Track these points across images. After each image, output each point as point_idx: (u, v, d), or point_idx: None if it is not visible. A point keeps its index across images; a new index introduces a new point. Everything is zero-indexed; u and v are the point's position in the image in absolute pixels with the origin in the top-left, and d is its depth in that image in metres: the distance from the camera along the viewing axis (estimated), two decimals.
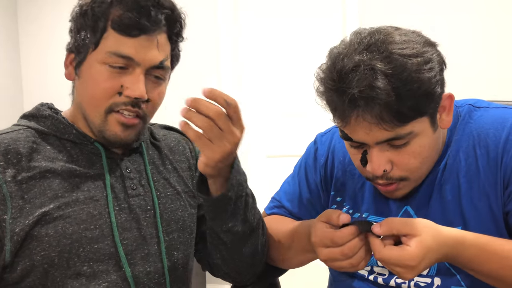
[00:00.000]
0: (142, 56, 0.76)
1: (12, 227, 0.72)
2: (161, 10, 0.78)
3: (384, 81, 0.67)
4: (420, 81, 0.69)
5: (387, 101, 0.67)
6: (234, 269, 0.88)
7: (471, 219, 0.77)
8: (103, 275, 0.76)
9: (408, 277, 0.68)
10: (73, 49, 0.80)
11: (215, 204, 0.78)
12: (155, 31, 0.77)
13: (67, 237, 0.74)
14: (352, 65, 0.69)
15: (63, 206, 0.75)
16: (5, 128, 0.81)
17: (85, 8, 0.77)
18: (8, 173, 0.73)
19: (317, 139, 1.00)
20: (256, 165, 2.72)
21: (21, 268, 0.73)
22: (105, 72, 0.76)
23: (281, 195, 1.01)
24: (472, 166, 0.78)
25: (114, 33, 0.76)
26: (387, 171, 0.75)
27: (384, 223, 0.69)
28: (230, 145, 0.70)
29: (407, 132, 0.72)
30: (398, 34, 0.73)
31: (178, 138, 0.97)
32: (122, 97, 0.77)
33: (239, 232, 0.82)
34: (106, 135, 0.79)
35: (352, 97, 0.69)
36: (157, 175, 0.88)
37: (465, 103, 0.84)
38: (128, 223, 0.80)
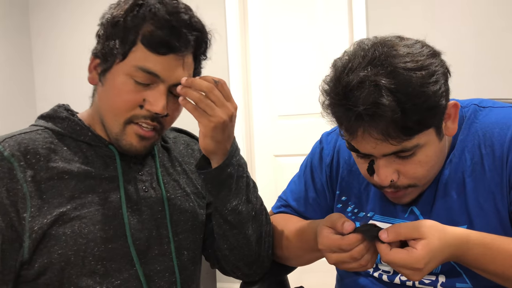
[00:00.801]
0: (167, 74, 0.78)
1: (31, 225, 0.75)
2: (192, 32, 0.79)
3: (389, 98, 0.67)
4: (426, 96, 0.69)
5: (393, 118, 0.68)
6: (242, 259, 0.90)
7: (476, 218, 0.77)
8: (116, 274, 0.79)
9: (416, 278, 0.69)
10: (99, 55, 0.81)
11: (216, 177, 0.81)
12: (183, 52, 0.79)
13: (83, 236, 0.77)
14: (357, 82, 0.69)
15: (79, 207, 0.78)
16: (24, 128, 0.83)
17: (118, 18, 0.78)
18: (28, 173, 0.76)
19: (322, 139, 1.01)
20: (264, 164, 2.73)
21: (38, 265, 0.76)
22: (129, 85, 0.78)
23: (287, 194, 1.02)
24: (477, 165, 0.78)
25: (143, 48, 0.77)
26: (394, 181, 0.76)
27: (391, 230, 0.69)
28: (223, 116, 0.77)
29: (413, 145, 0.73)
30: (402, 46, 0.72)
31: (187, 140, 1.00)
32: (143, 110, 0.79)
33: (243, 212, 0.84)
34: (122, 144, 0.81)
35: (358, 114, 0.69)
36: (167, 177, 0.90)
37: (470, 103, 0.84)
38: (140, 224, 0.83)
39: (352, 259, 0.72)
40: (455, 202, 0.79)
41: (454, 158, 0.81)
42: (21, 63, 3.09)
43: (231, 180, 0.82)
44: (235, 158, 0.83)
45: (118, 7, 0.80)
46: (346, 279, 0.95)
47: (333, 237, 0.74)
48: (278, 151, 2.70)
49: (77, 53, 2.94)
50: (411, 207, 0.84)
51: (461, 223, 0.78)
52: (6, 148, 0.76)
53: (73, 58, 2.99)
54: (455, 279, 0.80)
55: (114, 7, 0.81)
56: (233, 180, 0.83)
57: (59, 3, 3.08)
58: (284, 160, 2.67)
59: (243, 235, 0.86)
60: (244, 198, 0.85)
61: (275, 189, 2.56)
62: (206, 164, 0.84)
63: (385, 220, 0.86)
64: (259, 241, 0.89)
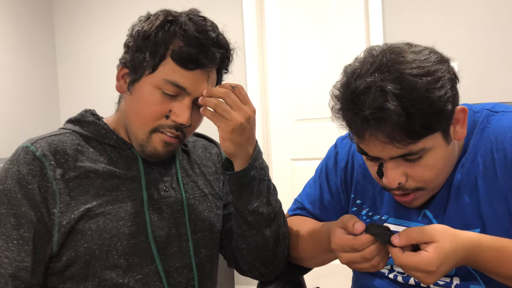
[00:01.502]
0: (194, 88, 0.82)
1: (60, 220, 0.79)
2: (218, 50, 0.84)
3: (394, 102, 0.69)
4: (430, 101, 0.70)
5: (398, 122, 0.69)
6: (259, 258, 0.92)
7: (489, 221, 0.78)
8: (137, 268, 0.82)
9: (429, 281, 0.70)
10: (128, 65, 0.85)
11: (240, 179, 0.84)
12: (209, 68, 0.83)
13: (107, 232, 0.81)
14: (363, 87, 0.71)
15: (104, 204, 0.82)
16: (53, 131, 0.88)
17: (149, 33, 0.82)
18: (58, 171, 0.81)
19: (337, 143, 1.02)
20: (281, 168, 2.75)
21: (66, 258, 0.80)
22: (157, 96, 0.82)
23: (303, 197, 1.04)
24: (490, 169, 0.79)
25: (172, 63, 0.81)
26: (402, 184, 0.78)
27: (403, 234, 0.70)
28: (240, 119, 0.80)
29: (419, 148, 0.74)
30: (410, 53, 0.74)
31: (205, 144, 1.04)
32: (168, 120, 0.83)
33: (263, 213, 0.87)
34: (146, 150, 0.85)
35: (364, 118, 0.71)
36: (186, 178, 0.94)
37: (483, 108, 0.85)
38: (160, 222, 0.86)
39: (363, 259, 0.73)
40: (468, 205, 0.80)
41: (466, 162, 0.81)
42: (45, 66, 3.17)
43: (254, 183, 0.86)
44: (258, 161, 0.86)
45: (148, 21, 0.84)
46: (362, 280, 0.96)
47: (345, 237, 0.75)
48: (295, 155, 2.71)
49: (101, 55, 3.01)
50: (424, 210, 0.84)
51: (474, 227, 0.79)
52: (38, 149, 0.81)
53: (97, 60, 3.06)
54: (470, 281, 0.80)
55: (144, 20, 0.85)
56: (256, 183, 0.86)
57: (83, 5, 3.14)
58: (301, 163, 2.68)
59: (261, 236, 0.89)
60: (265, 200, 0.88)
61: (292, 192, 2.57)
62: (230, 165, 0.87)
63: (399, 223, 0.87)
64: (277, 242, 0.92)
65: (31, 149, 0.81)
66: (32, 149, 0.81)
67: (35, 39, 3.11)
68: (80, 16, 3.16)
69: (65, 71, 3.23)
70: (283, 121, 2.73)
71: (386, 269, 0.90)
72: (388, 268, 0.90)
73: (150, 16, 0.85)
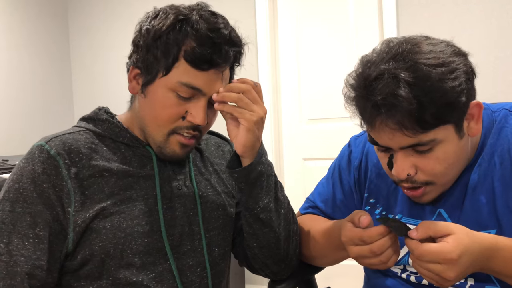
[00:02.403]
0: (209, 88, 0.82)
1: (75, 219, 0.79)
2: (232, 48, 0.82)
3: (406, 90, 0.69)
4: (443, 90, 0.70)
5: (409, 109, 0.69)
6: (271, 256, 0.92)
7: (506, 222, 0.77)
8: (151, 267, 0.83)
9: (451, 275, 0.67)
10: (140, 65, 0.83)
11: (248, 175, 0.84)
12: (223, 67, 0.82)
13: (122, 230, 0.81)
14: (376, 73, 0.72)
15: (118, 203, 0.82)
16: (67, 129, 0.88)
17: (160, 33, 0.80)
18: (72, 170, 0.81)
19: (351, 142, 1.02)
20: (293, 168, 2.74)
21: (81, 256, 0.80)
22: (173, 99, 0.81)
23: (315, 196, 1.04)
24: (507, 170, 0.78)
25: (185, 64, 0.80)
26: (410, 175, 0.77)
27: (420, 227, 0.70)
28: (261, 112, 0.83)
29: (430, 139, 0.73)
30: (426, 44, 0.74)
31: (218, 142, 1.04)
32: (185, 121, 0.83)
33: (273, 209, 0.87)
34: (165, 151, 0.85)
35: (375, 104, 0.71)
36: (200, 177, 0.94)
37: (501, 108, 0.84)
38: (174, 221, 0.86)
39: (372, 253, 0.73)
40: (484, 206, 0.79)
41: (483, 162, 0.80)
42: (59, 64, 3.21)
43: (262, 178, 0.86)
44: (264, 157, 0.86)
45: (158, 19, 0.82)
46: (374, 280, 0.95)
47: (355, 230, 0.75)
48: (307, 154, 2.70)
49: (115, 53, 3.04)
50: (439, 210, 0.84)
51: (490, 227, 0.78)
52: (52, 147, 0.81)
53: (111, 58, 3.08)
54: (485, 283, 0.79)
55: (153, 17, 0.83)
56: (264, 178, 0.86)
57: (98, 4, 3.17)
58: (313, 163, 2.67)
59: (273, 233, 0.89)
60: (274, 196, 0.88)
61: (304, 192, 2.55)
62: (237, 164, 0.87)
63: (412, 223, 0.86)
64: (288, 239, 0.91)
65: (45, 147, 0.81)
66: (46, 147, 0.81)
67: (50, 37, 3.15)
68: (95, 15, 3.19)
69: (79, 69, 3.26)
70: (295, 120, 2.73)
71: (398, 268, 0.89)
72: (401, 267, 0.89)
73: (159, 13, 0.83)
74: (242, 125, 0.82)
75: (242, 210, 0.91)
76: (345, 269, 2.36)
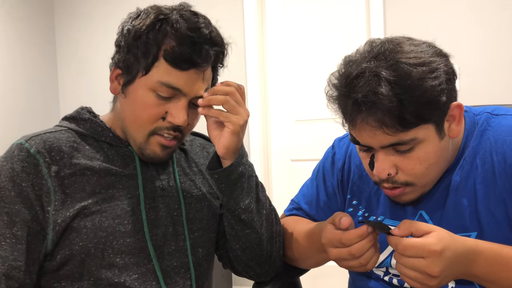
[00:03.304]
0: (189, 88, 0.81)
1: (54, 218, 0.78)
2: (212, 47, 0.82)
3: (387, 88, 0.70)
4: (423, 89, 0.71)
5: (389, 107, 0.70)
6: (254, 258, 0.92)
7: (487, 225, 0.77)
8: (134, 267, 0.82)
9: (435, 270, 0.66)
10: (121, 65, 0.84)
11: (229, 176, 0.84)
12: (204, 67, 0.82)
13: (103, 230, 0.80)
14: (358, 72, 0.73)
15: (100, 202, 0.81)
16: (49, 128, 0.87)
17: (140, 33, 0.80)
18: (53, 169, 0.80)
19: (335, 144, 1.02)
20: (280, 169, 2.74)
21: (60, 256, 0.79)
22: (152, 98, 0.81)
23: (299, 197, 1.04)
24: (488, 172, 0.78)
25: (165, 64, 0.80)
26: (391, 175, 0.77)
27: (402, 224, 0.70)
28: (245, 115, 0.83)
29: (410, 138, 0.74)
30: (408, 44, 0.75)
31: (203, 143, 1.03)
32: (165, 122, 0.82)
33: (254, 210, 0.87)
34: (145, 152, 0.85)
35: (355, 102, 0.72)
36: (184, 177, 0.93)
37: (483, 111, 0.85)
38: (157, 221, 0.86)
39: (351, 255, 0.73)
40: (466, 208, 0.79)
41: (465, 164, 0.81)
42: (45, 63, 3.17)
43: (243, 179, 0.85)
44: (245, 158, 0.86)
45: (138, 19, 0.82)
46: (358, 282, 0.95)
47: (335, 232, 0.75)
48: (295, 155, 2.71)
49: (101, 53, 3.01)
50: (420, 212, 0.84)
51: (471, 230, 0.78)
52: (32, 146, 0.80)
53: (97, 58, 3.06)
54: (466, 285, 0.79)
55: (134, 18, 0.83)
56: (245, 179, 0.86)
57: (84, 3, 3.14)
58: (300, 164, 2.68)
59: (255, 234, 0.89)
60: (255, 196, 0.88)
61: (291, 193, 2.54)
62: (217, 165, 0.87)
63: (395, 224, 0.87)
64: (271, 240, 0.91)
65: (25, 146, 0.80)
66: (26, 146, 0.80)
67: (36, 37, 3.11)
68: (81, 14, 3.16)
69: (65, 69, 3.23)
70: (283, 121, 2.73)
71: (381, 271, 0.90)
72: (383, 270, 0.89)
73: (140, 14, 0.83)
74: (228, 129, 0.81)
75: (224, 212, 0.91)
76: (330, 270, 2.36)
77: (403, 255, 0.69)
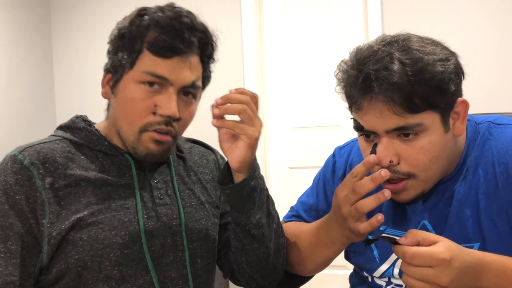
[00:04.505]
0: (175, 76, 0.80)
1: (49, 231, 0.77)
2: (194, 33, 0.81)
3: (399, 66, 0.71)
4: (433, 73, 0.72)
5: (400, 84, 0.71)
6: (259, 271, 0.90)
7: (490, 235, 0.77)
8: (131, 279, 0.80)
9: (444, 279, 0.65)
10: (110, 69, 0.84)
11: (241, 191, 0.81)
12: (188, 53, 0.81)
13: (99, 242, 0.78)
14: (370, 52, 0.75)
15: (96, 213, 0.80)
16: (43, 138, 0.86)
17: (123, 31, 0.82)
18: (47, 180, 0.78)
19: (335, 153, 1.01)
20: (278, 176, 2.74)
21: (56, 270, 0.78)
22: (139, 91, 0.80)
23: (298, 205, 1.04)
24: (491, 183, 0.78)
25: (149, 54, 0.80)
26: (393, 163, 0.75)
27: (409, 233, 0.69)
28: (260, 127, 0.79)
29: (416, 122, 0.73)
30: (421, 40, 0.77)
31: (202, 151, 1.02)
32: (156, 116, 0.81)
33: (265, 225, 0.85)
34: (139, 151, 0.83)
35: (367, 77, 0.72)
36: (183, 186, 0.92)
37: (485, 120, 0.84)
38: (155, 231, 0.84)
39: (354, 193, 0.73)
40: (469, 218, 0.79)
41: (468, 175, 0.80)
42: (41, 70, 3.17)
43: (255, 193, 0.83)
44: (257, 171, 0.84)
45: (123, 21, 0.84)
46: None
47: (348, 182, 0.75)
48: (293, 163, 2.70)
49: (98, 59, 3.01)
50: (423, 222, 0.83)
51: (473, 241, 0.78)
52: (26, 157, 0.79)
53: (94, 64, 3.06)
54: None
55: (120, 23, 0.85)
56: (257, 193, 0.83)
57: (81, 9, 3.15)
58: (298, 172, 2.68)
59: (264, 249, 0.87)
60: (266, 211, 0.86)
61: (290, 201, 2.56)
62: (228, 179, 0.84)
63: (397, 234, 0.86)
64: (277, 253, 0.90)
65: (19, 157, 0.79)
66: (20, 157, 0.79)
67: (32, 41, 3.11)
68: (78, 21, 3.17)
69: (61, 75, 3.23)
70: (281, 128, 2.73)
71: (383, 281, 0.89)
72: (386, 280, 0.88)
73: (125, 17, 0.85)
74: (243, 142, 0.78)
75: (231, 225, 0.89)
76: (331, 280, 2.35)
77: (410, 264, 0.67)
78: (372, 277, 0.91)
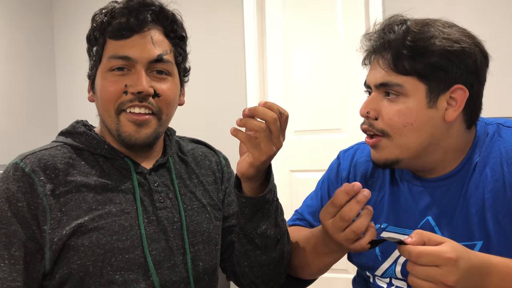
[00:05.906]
0: (138, 53, 0.82)
1: (51, 237, 0.77)
2: (147, 9, 0.84)
3: (403, 29, 0.78)
4: (432, 46, 0.76)
5: (394, 44, 0.78)
6: (261, 276, 0.90)
7: (494, 234, 0.77)
8: (133, 284, 0.80)
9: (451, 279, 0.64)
10: (89, 73, 0.89)
11: (256, 204, 0.82)
12: (144, 28, 0.83)
13: (101, 247, 0.78)
14: (395, 18, 0.83)
15: (97, 218, 0.80)
16: (45, 145, 0.87)
17: (89, 34, 0.87)
18: (48, 187, 0.79)
19: (340, 155, 1.02)
20: (280, 179, 2.73)
21: (59, 276, 0.78)
22: (109, 77, 0.83)
23: (303, 208, 1.04)
24: (498, 182, 0.79)
25: (111, 42, 0.84)
26: (369, 114, 0.82)
27: (415, 233, 0.69)
28: (275, 149, 0.77)
29: (397, 82, 0.78)
30: (447, 24, 0.82)
31: (205, 152, 1.01)
32: (128, 95, 0.82)
33: (271, 235, 0.85)
34: (122, 137, 0.83)
35: (377, 35, 0.81)
36: (184, 189, 0.92)
37: (494, 122, 0.86)
38: (157, 235, 0.84)
39: (342, 220, 0.74)
40: (474, 216, 0.79)
41: (475, 174, 0.81)
42: (44, 73, 3.18)
43: (267, 205, 0.84)
44: (272, 182, 0.84)
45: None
46: None
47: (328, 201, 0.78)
48: (294, 166, 2.70)
49: None
50: (427, 217, 0.84)
51: (477, 239, 0.78)
52: (27, 165, 0.80)
53: None
54: None
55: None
56: (269, 205, 0.84)
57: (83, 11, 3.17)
58: (300, 175, 2.68)
59: (266, 257, 0.88)
60: (273, 222, 0.86)
61: (291, 204, 2.56)
62: (237, 182, 0.84)
63: (399, 232, 0.87)
64: (280, 260, 0.90)
65: (20, 165, 0.80)
66: (21, 165, 0.80)
67: (35, 47, 3.13)
68: (80, 24, 3.18)
69: (64, 78, 3.24)
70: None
71: (384, 282, 0.89)
72: (387, 281, 0.88)
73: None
74: (248, 158, 0.77)
75: (236, 228, 0.90)
76: (332, 283, 2.34)
77: (416, 263, 0.67)
78: (374, 279, 0.91)
